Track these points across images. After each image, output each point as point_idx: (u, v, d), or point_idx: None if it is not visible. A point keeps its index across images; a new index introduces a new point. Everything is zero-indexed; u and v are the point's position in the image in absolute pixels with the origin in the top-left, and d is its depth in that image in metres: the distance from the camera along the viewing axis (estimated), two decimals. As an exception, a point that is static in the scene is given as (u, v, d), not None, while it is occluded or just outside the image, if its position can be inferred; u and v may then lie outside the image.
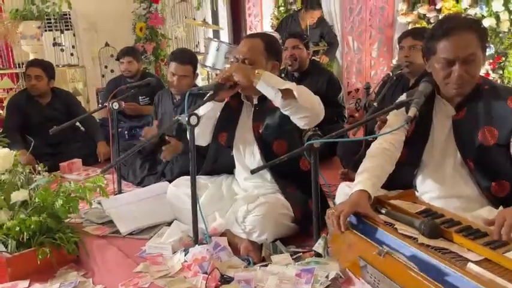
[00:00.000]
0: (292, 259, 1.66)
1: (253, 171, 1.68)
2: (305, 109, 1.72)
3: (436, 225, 1.29)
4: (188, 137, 1.74)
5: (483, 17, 3.70)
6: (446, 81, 1.54)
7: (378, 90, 2.42)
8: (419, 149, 1.69)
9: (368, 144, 1.79)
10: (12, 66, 4.67)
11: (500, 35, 3.74)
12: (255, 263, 1.69)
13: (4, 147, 2.54)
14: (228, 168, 2.17)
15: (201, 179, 2.11)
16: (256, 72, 1.76)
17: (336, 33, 5.23)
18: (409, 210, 1.46)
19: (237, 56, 1.96)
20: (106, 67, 5.24)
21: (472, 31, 1.48)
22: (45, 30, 4.67)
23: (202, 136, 2.04)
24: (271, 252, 1.73)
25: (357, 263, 1.35)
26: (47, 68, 3.60)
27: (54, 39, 4.84)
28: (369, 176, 1.56)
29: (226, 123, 2.07)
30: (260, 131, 1.96)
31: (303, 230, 1.86)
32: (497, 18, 3.67)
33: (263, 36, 2.03)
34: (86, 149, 3.60)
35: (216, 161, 2.16)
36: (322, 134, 1.66)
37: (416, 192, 1.73)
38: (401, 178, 1.75)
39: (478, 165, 1.58)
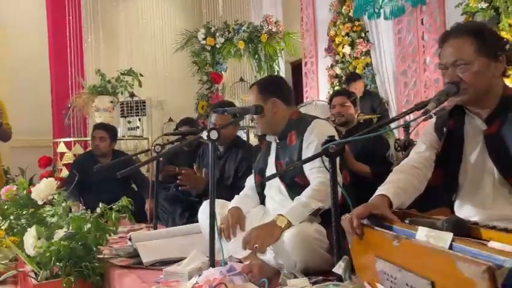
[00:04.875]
0: (310, 283, 1.49)
1: (266, 179, 1.62)
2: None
3: (460, 220, 1.11)
4: (210, 157, 1.76)
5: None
6: None
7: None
8: (454, 170, 1.53)
9: None
10: (84, 135, 5.17)
11: None
12: (269, 288, 1.54)
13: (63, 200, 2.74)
14: None
15: None
16: (280, 226, 1.68)
17: (392, 107, 5.21)
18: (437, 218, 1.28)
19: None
20: (168, 140, 5.60)
21: (466, 36, 1.42)
22: (122, 117, 5.24)
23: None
24: (289, 277, 1.57)
25: (375, 269, 1.18)
26: (110, 131, 3.94)
27: (129, 122, 5.39)
28: (391, 185, 1.42)
29: (259, 167, 2.14)
30: (282, 167, 1.97)
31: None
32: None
33: (258, 83, 2.11)
34: (136, 205, 3.72)
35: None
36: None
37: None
38: (439, 204, 1.57)
39: None
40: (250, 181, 2.24)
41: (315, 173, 1.82)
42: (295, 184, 1.89)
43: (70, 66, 5.18)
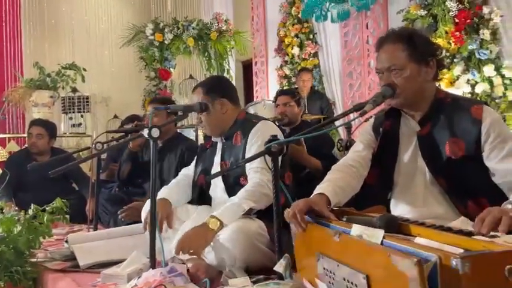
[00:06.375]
0: (251, 282, 1.49)
1: (209, 178, 1.61)
2: (265, 204, 1.78)
3: (392, 217, 1.16)
4: (151, 156, 1.71)
5: (476, 83, 3.75)
6: None
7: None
8: (389, 169, 1.60)
9: None
10: (22, 131, 4.87)
11: (497, 100, 3.74)
12: (211, 288, 1.53)
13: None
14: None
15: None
16: (213, 229, 1.65)
17: (338, 108, 5.36)
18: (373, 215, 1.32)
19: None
20: (113, 137, 5.41)
21: (398, 42, 1.49)
22: (64, 113, 4.98)
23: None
24: (230, 277, 1.56)
25: (316, 265, 1.20)
26: (49, 128, 3.73)
27: (71, 119, 5.14)
28: (330, 184, 1.46)
29: (204, 166, 2.10)
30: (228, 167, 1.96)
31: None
32: (491, 83, 3.70)
33: (202, 85, 2.05)
34: (76, 206, 3.55)
35: (202, 202, 2.12)
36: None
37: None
38: (375, 202, 1.62)
39: (450, 182, 1.47)
40: (186, 170, 2.20)
41: (252, 174, 1.84)
42: (239, 184, 1.88)
43: (6, 58, 4.86)
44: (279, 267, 1.45)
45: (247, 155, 1.85)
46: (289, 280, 1.42)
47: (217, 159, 2.03)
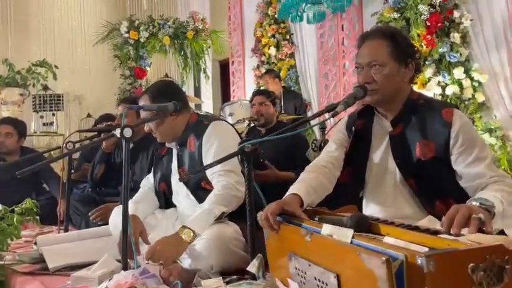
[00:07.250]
0: (224, 282, 1.49)
1: (180, 179, 1.59)
2: (235, 206, 1.78)
3: (362, 217, 1.18)
4: (123, 156, 1.68)
5: (446, 85, 3.85)
6: None
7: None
8: (361, 168, 1.62)
9: None
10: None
11: (466, 102, 3.85)
12: (183, 289, 1.51)
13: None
14: None
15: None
16: (186, 241, 1.61)
17: (314, 108, 5.41)
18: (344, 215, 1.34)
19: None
20: (86, 137, 5.29)
21: (382, 39, 1.51)
22: (35, 111, 4.83)
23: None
24: (203, 278, 1.56)
25: (288, 265, 1.21)
26: (18, 126, 3.63)
27: (42, 117, 5.00)
28: (303, 184, 1.47)
29: (162, 174, 2.07)
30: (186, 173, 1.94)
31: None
32: (460, 85, 3.81)
33: (148, 91, 1.98)
34: (47, 207, 3.47)
35: (169, 207, 2.10)
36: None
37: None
38: (347, 202, 1.64)
39: (419, 182, 1.50)
40: (147, 181, 2.16)
41: (217, 177, 1.81)
42: (201, 189, 1.87)
43: (-28, 54, 4.69)
44: (252, 267, 1.45)
45: (205, 159, 1.83)
46: (262, 280, 1.43)
47: (174, 165, 2.00)
